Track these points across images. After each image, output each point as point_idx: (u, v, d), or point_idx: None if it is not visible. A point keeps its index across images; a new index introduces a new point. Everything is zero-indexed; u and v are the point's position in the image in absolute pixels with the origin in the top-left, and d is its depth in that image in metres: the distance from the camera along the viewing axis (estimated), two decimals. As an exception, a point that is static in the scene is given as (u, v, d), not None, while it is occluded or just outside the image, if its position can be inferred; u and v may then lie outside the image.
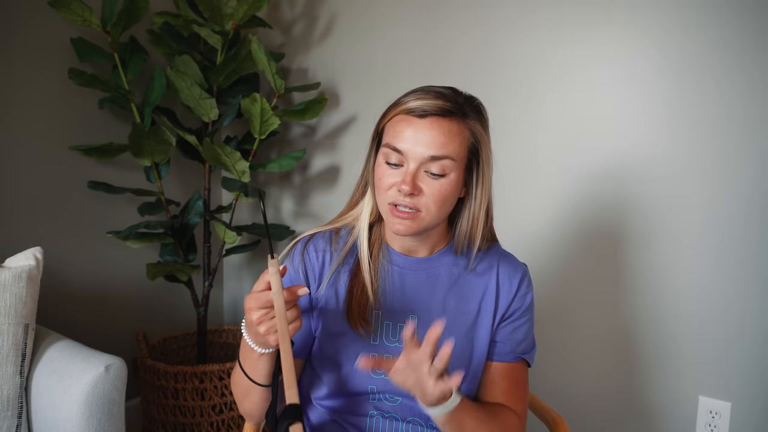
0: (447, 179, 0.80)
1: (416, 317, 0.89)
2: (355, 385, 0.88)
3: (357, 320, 0.85)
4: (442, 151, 0.78)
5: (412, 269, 0.90)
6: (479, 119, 0.83)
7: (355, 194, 0.93)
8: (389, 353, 0.86)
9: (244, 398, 0.84)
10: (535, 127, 1.58)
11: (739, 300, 1.35)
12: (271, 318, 0.71)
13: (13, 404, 1.18)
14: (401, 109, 0.80)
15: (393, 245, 0.91)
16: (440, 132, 0.78)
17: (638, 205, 1.45)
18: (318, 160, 2.06)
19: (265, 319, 0.71)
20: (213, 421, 1.72)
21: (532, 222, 1.61)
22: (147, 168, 1.80)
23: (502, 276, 0.90)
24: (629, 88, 1.44)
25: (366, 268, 0.87)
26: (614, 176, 1.48)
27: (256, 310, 0.71)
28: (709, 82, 1.34)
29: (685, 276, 1.41)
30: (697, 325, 1.40)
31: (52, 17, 1.61)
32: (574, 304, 1.57)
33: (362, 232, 0.89)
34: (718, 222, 1.36)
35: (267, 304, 0.70)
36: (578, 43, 1.49)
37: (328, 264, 0.89)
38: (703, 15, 1.33)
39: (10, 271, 1.21)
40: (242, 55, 1.76)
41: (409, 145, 0.79)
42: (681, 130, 1.38)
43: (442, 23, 1.72)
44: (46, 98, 1.65)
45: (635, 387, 1.50)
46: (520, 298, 0.91)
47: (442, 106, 0.79)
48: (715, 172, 1.35)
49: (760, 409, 1.34)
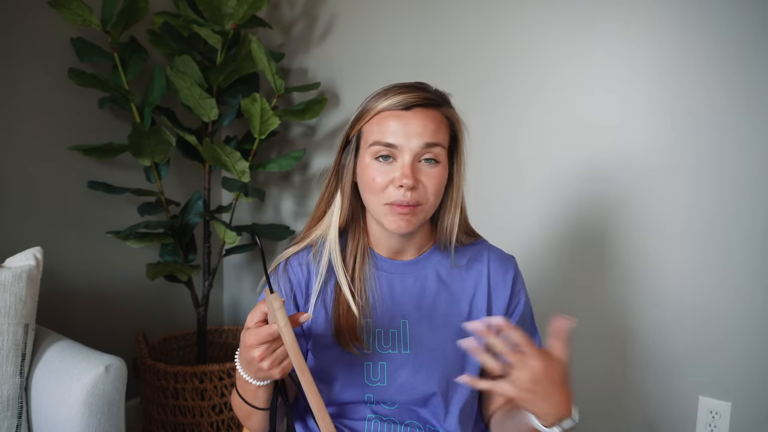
0: (441, 166, 0.81)
1: (407, 321, 0.87)
2: (351, 395, 0.86)
3: (348, 341, 0.84)
4: (435, 137, 0.79)
5: (400, 273, 0.88)
6: (452, 108, 0.85)
7: (320, 206, 0.89)
8: (383, 360, 0.85)
9: (247, 420, 0.84)
10: (526, 124, 1.58)
11: (739, 300, 1.35)
12: (272, 351, 0.68)
13: (13, 404, 1.18)
14: (380, 108, 0.80)
15: (378, 250, 0.89)
16: (429, 120, 0.79)
17: (638, 204, 1.45)
18: (318, 160, 2.06)
19: (267, 354, 0.68)
20: (213, 421, 1.72)
21: (521, 221, 1.61)
22: (147, 168, 1.80)
23: (494, 274, 0.90)
24: (620, 87, 1.44)
25: (345, 283, 0.84)
26: (613, 175, 1.48)
27: (257, 346, 0.68)
28: (695, 79, 1.34)
29: (686, 276, 1.41)
30: (697, 325, 1.40)
31: (52, 17, 1.61)
32: (572, 304, 1.57)
33: (333, 245, 0.85)
34: (720, 221, 1.36)
35: (268, 338, 0.67)
36: (568, 42, 1.49)
37: (314, 275, 0.87)
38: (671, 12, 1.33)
39: (10, 271, 1.21)
40: (242, 55, 1.76)
41: (401, 138, 0.78)
42: (674, 128, 1.38)
43: (443, 23, 1.72)
44: (46, 98, 1.65)
45: (635, 387, 1.50)
46: (517, 294, 0.91)
47: (424, 96, 0.80)
48: (720, 171, 1.35)
49: (760, 409, 1.34)
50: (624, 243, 1.48)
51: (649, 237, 1.44)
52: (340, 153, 0.87)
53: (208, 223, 1.87)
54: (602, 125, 1.48)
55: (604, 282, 1.52)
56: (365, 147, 0.82)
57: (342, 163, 0.86)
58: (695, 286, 1.40)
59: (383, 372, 0.85)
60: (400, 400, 0.85)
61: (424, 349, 0.86)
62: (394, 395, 0.85)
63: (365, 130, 0.82)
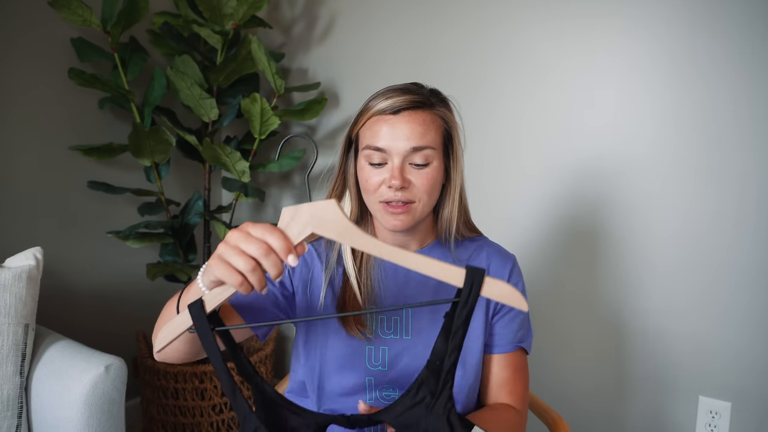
0: (431, 167, 0.83)
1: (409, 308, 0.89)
2: (353, 378, 0.87)
3: (353, 325, 0.87)
4: (422, 141, 0.81)
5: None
6: (446, 107, 0.87)
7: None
8: (384, 345, 0.88)
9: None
10: (523, 123, 1.58)
11: (739, 300, 1.35)
12: (267, 255, 0.59)
13: (13, 404, 1.18)
14: (372, 112, 0.83)
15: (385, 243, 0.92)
16: (416, 123, 0.81)
17: (638, 204, 1.45)
18: (318, 160, 2.06)
19: (266, 252, 0.58)
20: (213, 421, 1.72)
21: (520, 218, 1.61)
22: (147, 168, 1.80)
23: (494, 267, 0.93)
24: (619, 87, 1.44)
25: (352, 274, 0.88)
26: (614, 175, 1.48)
27: (257, 240, 0.58)
28: (695, 78, 1.34)
29: (685, 276, 1.41)
30: (697, 325, 1.40)
31: (52, 17, 1.61)
32: (571, 304, 1.57)
33: None
34: (720, 221, 1.36)
35: (281, 236, 0.59)
36: (567, 41, 1.49)
37: (323, 263, 0.90)
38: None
39: (10, 271, 1.21)
40: (242, 55, 1.76)
41: (389, 142, 0.81)
42: (674, 128, 1.38)
43: (443, 23, 1.72)
44: (46, 98, 1.65)
45: (635, 387, 1.50)
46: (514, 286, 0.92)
47: (412, 99, 0.82)
48: (720, 170, 1.35)
49: (760, 409, 1.34)
50: (623, 243, 1.48)
51: (650, 237, 1.44)
52: (343, 154, 0.91)
53: (208, 223, 1.87)
54: (601, 125, 1.48)
55: (604, 282, 1.52)
56: (360, 149, 0.86)
57: (346, 164, 0.91)
58: (695, 286, 1.40)
59: (384, 356, 0.88)
60: (399, 384, 0.88)
61: (424, 336, 0.88)
62: (394, 379, 0.88)
63: (360, 133, 0.87)
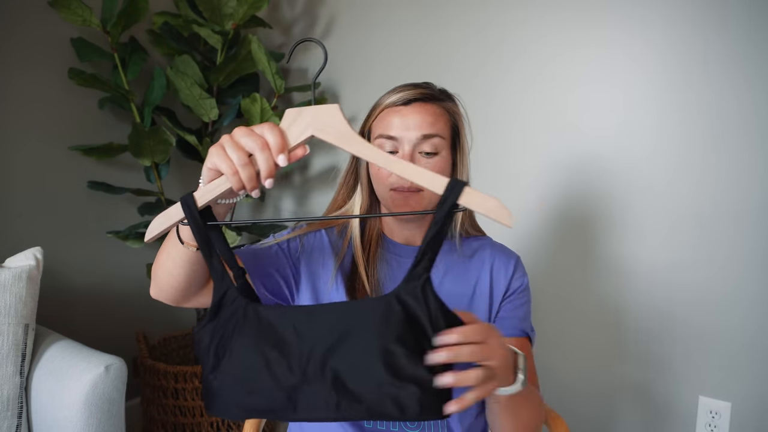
0: (440, 156, 0.87)
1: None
2: None
3: None
4: (432, 129, 0.85)
5: (409, 257, 0.94)
6: (454, 103, 0.92)
7: (340, 194, 0.96)
8: None
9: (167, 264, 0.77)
10: (520, 121, 1.58)
11: (739, 300, 1.35)
12: (263, 151, 0.61)
13: (13, 404, 1.18)
14: (384, 105, 0.88)
15: (393, 237, 0.95)
16: (426, 113, 0.86)
17: (638, 204, 1.45)
18: (318, 160, 2.06)
19: (262, 146, 0.61)
20: (213, 421, 1.72)
21: (520, 218, 1.61)
22: (147, 168, 1.80)
23: (497, 264, 0.95)
24: (619, 86, 1.44)
25: (361, 264, 0.91)
26: (612, 175, 1.48)
27: (242, 152, 0.61)
28: (695, 78, 1.34)
29: (685, 275, 1.41)
30: (697, 325, 1.40)
31: (52, 17, 1.61)
32: (570, 304, 1.57)
33: (355, 231, 0.94)
34: (721, 220, 1.36)
35: (281, 137, 0.61)
36: (559, 41, 1.49)
37: (333, 249, 0.93)
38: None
39: (10, 271, 1.21)
40: (242, 55, 1.76)
41: (401, 131, 0.85)
42: (674, 128, 1.38)
43: (443, 23, 1.72)
44: (46, 98, 1.65)
45: (635, 387, 1.50)
46: (518, 279, 0.95)
47: (422, 92, 0.88)
48: (720, 170, 1.35)
49: (760, 409, 1.34)
50: (623, 243, 1.48)
51: (650, 236, 1.44)
52: None
53: (208, 223, 1.86)
54: (600, 125, 1.48)
55: (604, 282, 1.52)
56: (373, 140, 0.90)
57: (359, 158, 0.93)
58: (695, 286, 1.40)
59: None
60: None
61: None
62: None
63: (373, 126, 0.90)
